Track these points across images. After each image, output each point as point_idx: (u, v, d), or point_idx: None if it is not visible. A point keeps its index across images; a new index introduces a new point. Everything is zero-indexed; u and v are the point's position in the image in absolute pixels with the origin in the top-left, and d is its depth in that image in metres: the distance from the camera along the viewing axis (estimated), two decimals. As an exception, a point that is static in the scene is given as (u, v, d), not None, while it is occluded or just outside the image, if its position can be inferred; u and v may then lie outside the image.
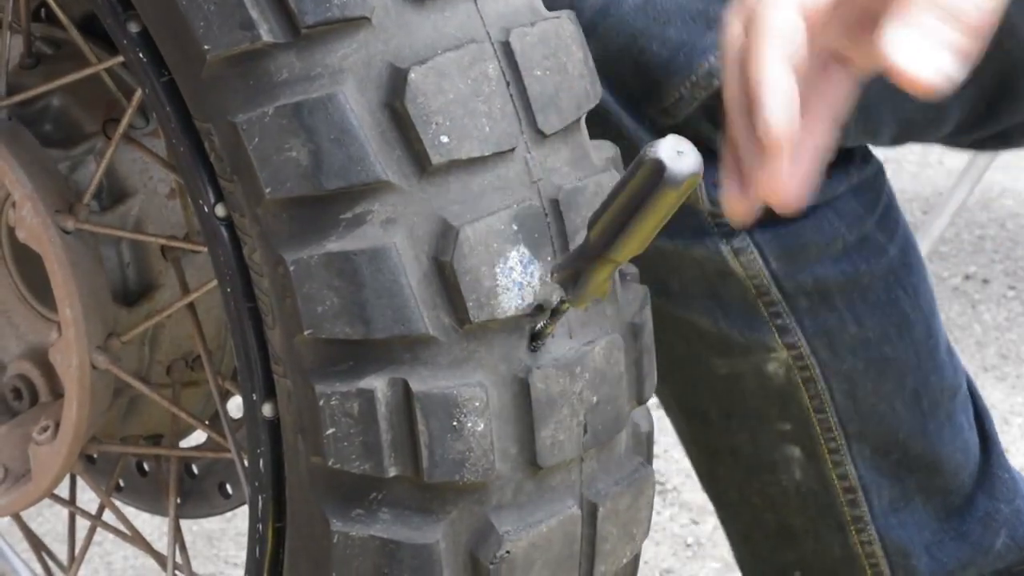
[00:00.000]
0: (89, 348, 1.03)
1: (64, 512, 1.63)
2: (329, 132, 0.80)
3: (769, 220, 0.70)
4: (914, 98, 1.14)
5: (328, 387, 0.82)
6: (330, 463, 0.83)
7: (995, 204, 2.61)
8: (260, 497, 0.89)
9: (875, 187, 1.29)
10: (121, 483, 1.29)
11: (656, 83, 1.02)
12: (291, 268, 0.81)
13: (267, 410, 0.87)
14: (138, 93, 1.02)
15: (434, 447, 0.82)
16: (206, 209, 0.86)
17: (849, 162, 1.26)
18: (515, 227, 0.82)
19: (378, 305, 0.81)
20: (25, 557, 1.34)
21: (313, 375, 0.83)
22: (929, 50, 0.72)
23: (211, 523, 1.72)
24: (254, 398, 0.87)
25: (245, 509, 0.97)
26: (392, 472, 0.83)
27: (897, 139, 1.22)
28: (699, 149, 0.86)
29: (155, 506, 1.27)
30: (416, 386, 0.82)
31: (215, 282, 0.91)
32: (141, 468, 1.28)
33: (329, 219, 0.81)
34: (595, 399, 0.86)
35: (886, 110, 1.17)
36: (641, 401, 0.89)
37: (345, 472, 0.83)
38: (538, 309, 0.83)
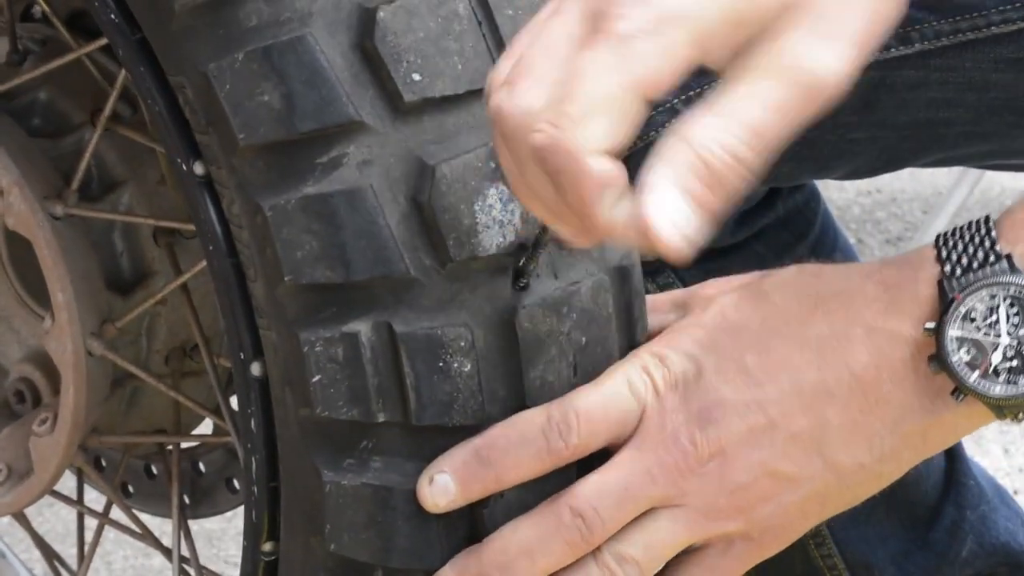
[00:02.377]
0: (84, 334, 1.03)
1: (62, 512, 1.63)
2: (300, 75, 0.80)
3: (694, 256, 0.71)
4: (866, 146, 1.15)
5: (312, 334, 0.82)
6: (318, 411, 0.82)
7: (995, 204, 2.60)
8: (254, 459, 0.88)
9: (807, 213, 1.30)
10: (130, 488, 1.28)
11: None
12: (269, 215, 0.81)
13: (256, 369, 0.86)
14: (121, 77, 1.02)
15: (421, 389, 0.81)
16: (184, 168, 0.85)
17: (776, 196, 1.26)
18: (492, 164, 0.82)
19: (357, 247, 0.80)
20: (24, 558, 1.33)
21: (296, 324, 0.82)
22: (686, 215, 0.71)
23: (211, 523, 1.71)
24: (242, 357, 0.86)
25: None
26: (381, 417, 0.82)
27: (848, 178, 1.23)
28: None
29: (164, 509, 1.26)
30: (400, 328, 0.81)
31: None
32: (149, 471, 1.27)
33: (304, 164, 0.81)
34: (584, 340, 0.85)
35: (839, 161, 1.18)
36: (633, 344, 0.88)
37: (334, 420, 0.82)
38: (520, 248, 0.83)
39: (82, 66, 1.09)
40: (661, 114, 1.09)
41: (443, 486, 0.82)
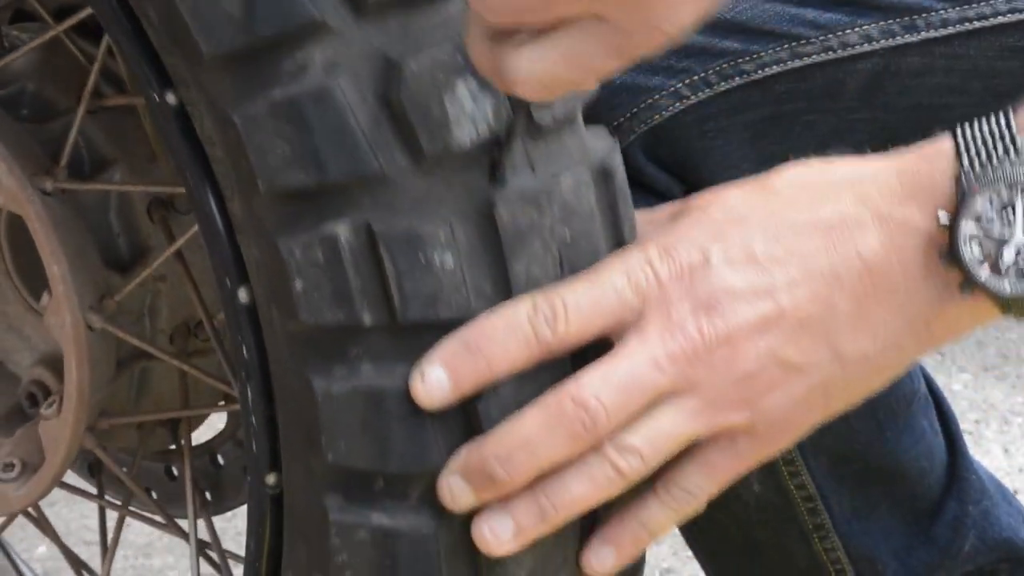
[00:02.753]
0: (82, 307, 1.03)
1: (63, 512, 1.62)
2: (259, -20, 0.80)
3: None
4: (866, 126, 1.16)
5: (291, 241, 0.81)
6: (303, 318, 0.81)
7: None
8: (249, 388, 0.87)
9: None
10: (153, 494, 1.28)
11: (594, 115, 1.04)
12: (239, 124, 0.81)
13: (243, 295, 0.86)
14: (101, 51, 1.03)
15: (404, 285, 0.81)
16: (156, 98, 0.85)
17: None
18: (459, 58, 0.81)
19: (330, 149, 0.80)
20: (25, 557, 1.32)
21: (275, 234, 0.82)
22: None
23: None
24: (228, 285, 0.86)
25: (245, 509, 0.95)
26: (366, 318, 0.81)
27: None
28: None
29: (186, 512, 1.25)
30: (379, 227, 0.80)
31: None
32: (169, 473, 1.27)
33: (271, 71, 0.81)
34: (568, 234, 0.84)
35: (839, 142, 1.18)
36: (620, 243, 0.87)
37: (320, 328, 0.82)
38: (494, 141, 0.82)
39: (66, 53, 1.10)
40: (664, 97, 1.09)
41: (436, 380, 0.81)
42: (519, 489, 0.82)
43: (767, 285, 0.82)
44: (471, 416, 0.82)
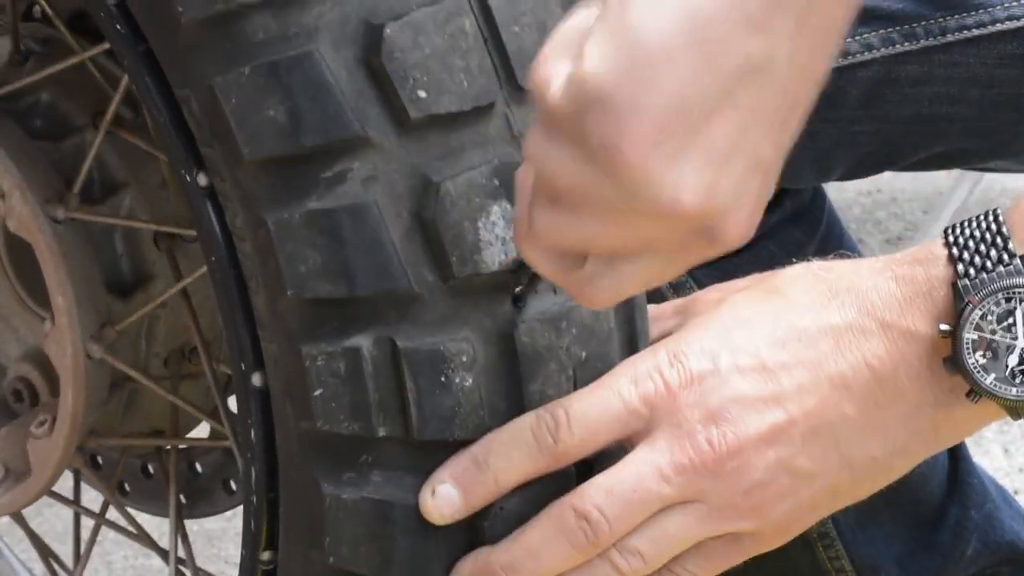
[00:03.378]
0: (83, 337, 1.03)
1: (62, 512, 1.63)
2: (306, 90, 0.80)
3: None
4: (868, 138, 1.16)
5: (314, 348, 0.82)
6: (319, 425, 0.82)
7: (995, 204, 2.60)
8: (253, 469, 0.88)
9: (813, 211, 1.30)
10: (127, 487, 1.28)
11: None
12: (272, 229, 0.81)
13: (256, 379, 0.86)
14: (123, 81, 1.02)
15: (423, 403, 0.82)
16: (188, 179, 0.85)
17: (783, 193, 1.27)
18: (496, 182, 0.82)
19: (361, 262, 0.81)
20: (24, 558, 1.33)
21: (298, 338, 0.82)
22: None
23: (211, 523, 1.72)
24: (243, 368, 0.87)
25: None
26: (382, 431, 0.82)
27: (847, 177, 1.23)
28: None
29: (161, 508, 1.27)
30: (402, 343, 0.81)
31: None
32: (145, 470, 1.27)
33: (309, 179, 0.81)
34: (584, 355, 0.85)
35: (841, 153, 1.18)
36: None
37: (334, 434, 0.83)
38: (521, 265, 0.83)
39: (85, 68, 1.09)
40: None
41: (446, 496, 0.82)
42: None
43: (776, 392, 0.83)
44: (475, 533, 0.84)
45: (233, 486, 1.21)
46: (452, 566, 0.84)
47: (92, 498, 1.27)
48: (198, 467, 1.25)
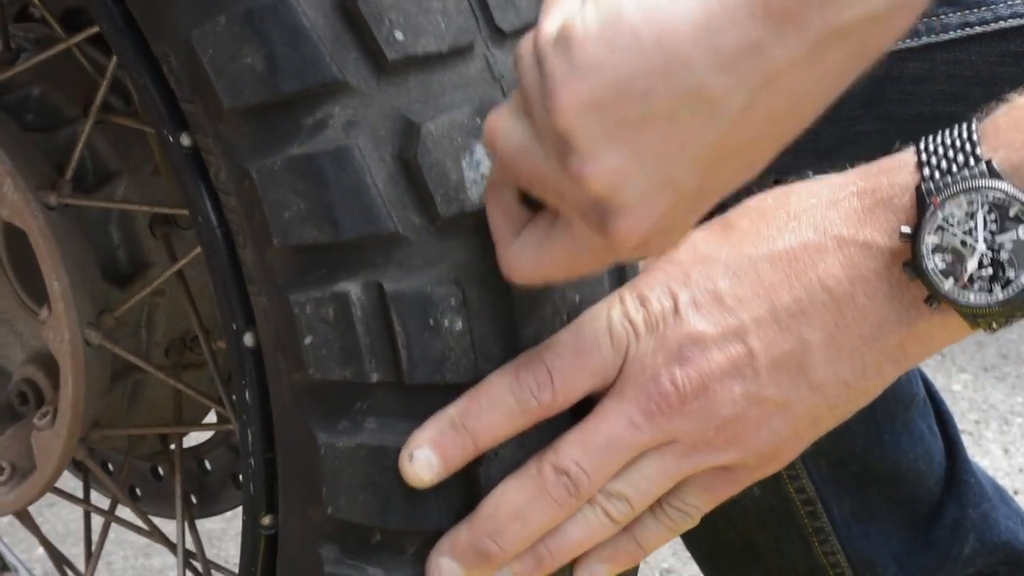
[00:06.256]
0: (80, 323, 1.03)
1: (63, 512, 1.62)
2: (282, 36, 0.80)
3: None
4: (870, 137, 1.16)
5: (302, 295, 0.81)
6: (311, 373, 0.82)
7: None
8: (249, 431, 0.87)
9: None
10: (138, 492, 1.28)
11: None
12: (255, 177, 0.81)
13: (248, 339, 0.86)
14: (111, 67, 1.02)
15: (412, 347, 0.81)
16: (171, 140, 0.85)
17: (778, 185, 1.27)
18: (478, 121, 0.81)
19: (345, 207, 0.80)
20: (24, 558, 1.33)
21: (286, 287, 0.82)
22: None
23: (212, 523, 1.71)
24: (235, 328, 0.86)
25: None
26: (374, 377, 0.81)
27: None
28: None
29: (172, 511, 1.26)
30: (389, 287, 0.81)
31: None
32: (156, 473, 1.27)
33: (290, 126, 0.81)
34: (577, 298, 0.85)
35: (843, 153, 1.18)
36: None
37: (327, 382, 0.82)
38: (509, 205, 0.82)
39: (74, 60, 1.09)
40: None
41: (425, 460, 0.81)
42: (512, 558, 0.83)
43: (735, 327, 0.83)
44: (471, 477, 0.83)
45: (242, 480, 1.21)
46: (449, 509, 0.83)
47: (97, 499, 1.27)
48: (207, 465, 1.24)
